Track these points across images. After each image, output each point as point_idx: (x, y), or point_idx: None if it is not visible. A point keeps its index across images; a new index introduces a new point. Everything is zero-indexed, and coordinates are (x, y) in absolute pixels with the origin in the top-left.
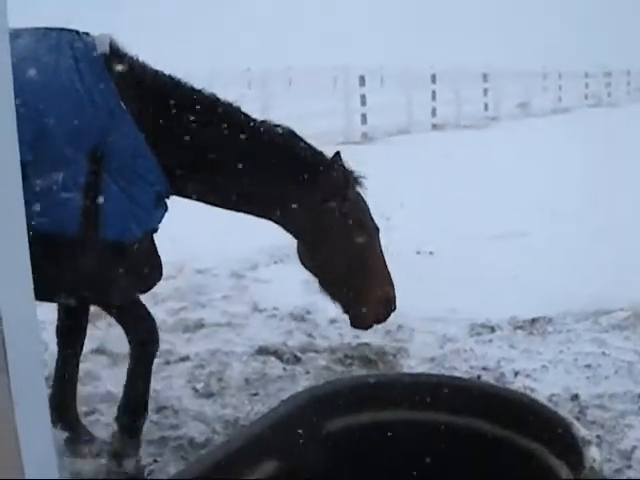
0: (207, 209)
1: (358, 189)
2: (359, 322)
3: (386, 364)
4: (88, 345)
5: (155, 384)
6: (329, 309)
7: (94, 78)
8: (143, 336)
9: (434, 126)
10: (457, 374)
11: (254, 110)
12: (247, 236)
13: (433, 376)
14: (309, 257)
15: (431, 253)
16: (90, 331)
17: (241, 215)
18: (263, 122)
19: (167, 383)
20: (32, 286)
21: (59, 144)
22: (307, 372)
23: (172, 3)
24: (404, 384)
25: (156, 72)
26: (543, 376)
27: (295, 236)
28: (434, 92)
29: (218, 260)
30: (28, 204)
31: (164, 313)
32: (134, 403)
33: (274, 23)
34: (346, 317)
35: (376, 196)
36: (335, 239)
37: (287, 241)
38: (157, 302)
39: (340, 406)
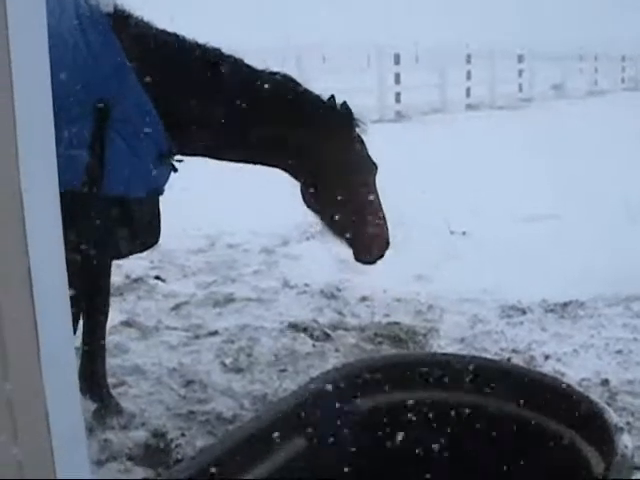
0: (239, 184)
1: (357, 129)
2: (365, 255)
3: (416, 344)
4: (117, 317)
5: (184, 358)
6: (360, 287)
7: (98, 37)
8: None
9: (468, 106)
10: (487, 356)
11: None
12: (279, 212)
13: (463, 357)
14: (314, 197)
15: (464, 233)
16: (119, 304)
17: (273, 191)
18: (263, 71)
19: (196, 357)
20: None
21: (63, 101)
22: (336, 350)
23: None
24: (435, 364)
25: (161, 31)
26: (573, 360)
27: (300, 178)
28: (469, 72)
29: (249, 235)
30: None
31: (194, 286)
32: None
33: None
34: (377, 294)
35: (410, 174)
36: (338, 177)
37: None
38: (187, 275)
39: (370, 385)
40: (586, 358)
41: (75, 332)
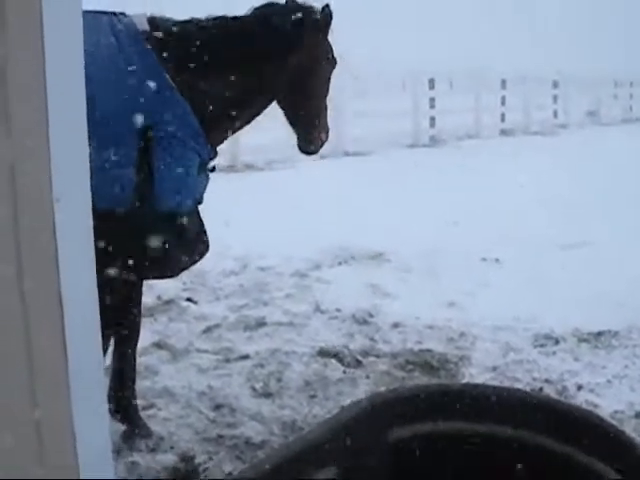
0: (272, 208)
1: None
2: (313, 148)
3: (448, 371)
4: (148, 339)
5: (214, 381)
6: (392, 313)
7: (137, 56)
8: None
9: (502, 131)
10: (519, 385)
11: None
12: (312, 236)
13: (495, 388)
14: (296, 98)
15: (497, 260)
16: (150, 325)
17: (307, 215)
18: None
19: (226, 381)
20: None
21: (109, 122)
22: (367, 376)
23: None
24: (467, 395)
25: (188, 34)
26: (607, 391)
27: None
28: (503, 97)
29: (282, 258)
30: None
31: (226, 309)
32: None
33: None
34: (409, 321)
35: (444, 199)
36: (316, 77)
37: (352, 242)
38: (218, 297)
39: (402, 415)
40: (620, 389)
41: (105, 352)
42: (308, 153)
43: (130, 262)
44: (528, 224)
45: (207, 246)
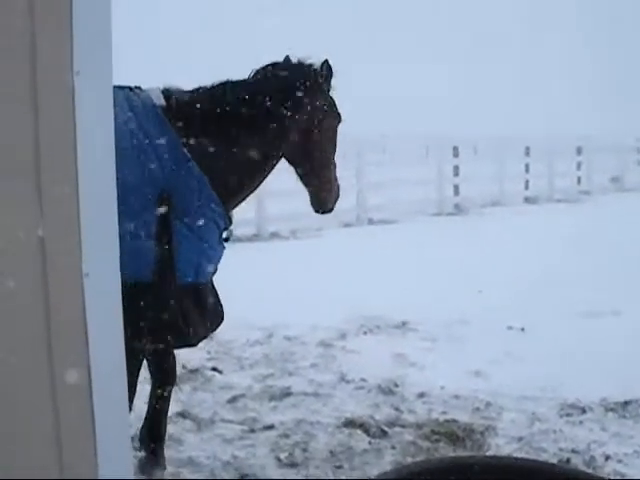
0: (297, 277)
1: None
2: (325, 205)
3: (474, 442)
4: (173, 408)
5: (238, 452)
6: (417, 383)
7: (155, 130)
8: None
9: (526, 199)
10: (546, 455)
11: (348, 176)
12: (337, 305)
13: (523, 460)
14: (298, 153)
15: (522, 329)
16: (175, 394)
17: (331, 284)
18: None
19: (250, 451)
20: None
21: (128, 196)
22: (393, 447)
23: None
24: (492, 467)
25: (193, 101)
26: (635, 461)
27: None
28: (527, 165)
29: (307, 328)
30: None
31: (251, 379)
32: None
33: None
34: (435, 391)
35: (468, 267)
36: (319, 133)
37: (377, 311)
38: (243, 367)
39: None
40: None
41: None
42: (321, 212)
43: (153, 332)
44: (553, 293)
45: (222, 316)
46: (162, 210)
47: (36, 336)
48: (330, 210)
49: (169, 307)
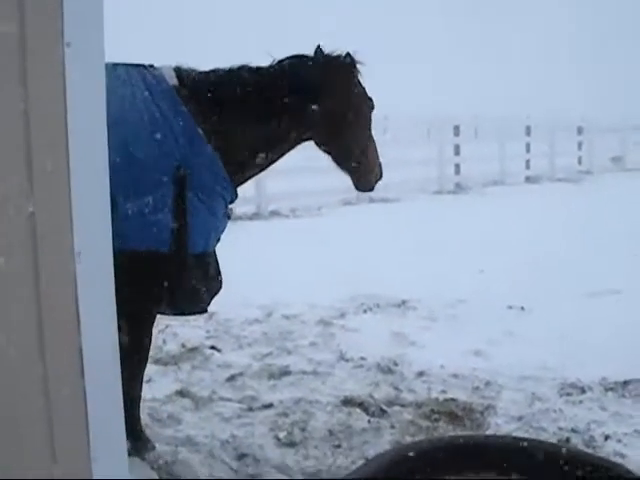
0: (297, 256)
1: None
2: (368, 184)
3: (473, 421)
4: (172, 387)
5: (237, 431)
6: (417, 361)
7: (169, 107)
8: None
9: (527, 178)
10: (545, 435)
11: None
12: (336, 283)
13: (522, 439)
14: (333, 142)
15: (522, 308)
16: (174, 373)
17: (331, 262)
18: (271, 66)
19: (249, 430)
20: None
21: (146, 171)
22: (392, 426)
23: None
24: (492, 447)
25: (214, 84)
26: (634, 441)
27: (319, 133)
28: (528, 144)
29: (306, 306)
30: (121, 227)
31: (250, 358)
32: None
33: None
34: (434, 370)
35: (469, 247)
36: (352, 120)
37: (377, 290)
38: (242, 346)
39: (426, 468)
40: None
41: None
42: (363, 191)
43: (165, 298)
44: (554, 272)
45: (221, 284)
46: (178, 185)
47: (27, 315)
48: (371, 189)
49: (184, 275)
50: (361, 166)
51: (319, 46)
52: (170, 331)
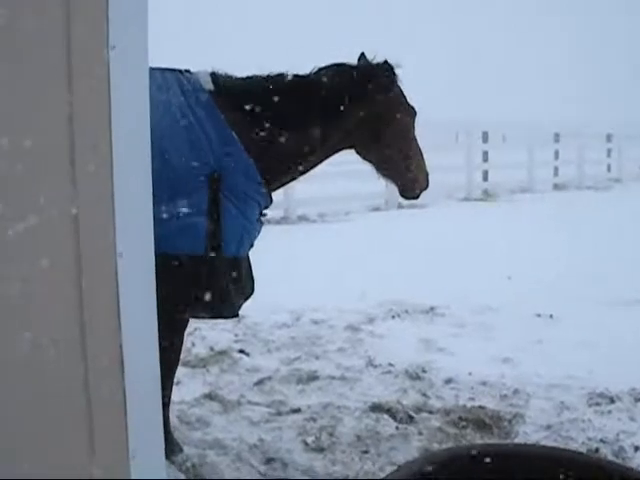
0: (325, 261)
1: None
2: (412, 193)
3: (501, 429)
4: (200, 390)
5: (265, 435)
6: (445, 368)
7: (204, 112)
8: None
9: (555, 186)
10: (574, 445)
11: None
12: (365, 289)
13: (550, 449)
14: (373, 151)
15: (551, 316)
16: (203, 376)
17: (360, 268)
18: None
19: (277, 435)
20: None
21: (180, 175)
22: (420, 432)
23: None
24: (520, 456)
25: (246, 87)
26: None
27: (360, 142)
28: (557, 151)
29: (335, 312)
30: (155, 230)
31: (278, 362)
32: None
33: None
34: (462, 377)
35: (497, 253)
36: (392, 128)
37: (406, 296)
38: (270, 350)
39: (454, 475)
40: None
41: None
42: (409, 199)
43: (198, 302)
44: (583, 280)
45: (253, 289)
46: (213, 189)
47: (69, 315)
48: (416, 198)
49: (217, 278)
50: (405, 175)
51: (363, 53)
52: (199, 334)
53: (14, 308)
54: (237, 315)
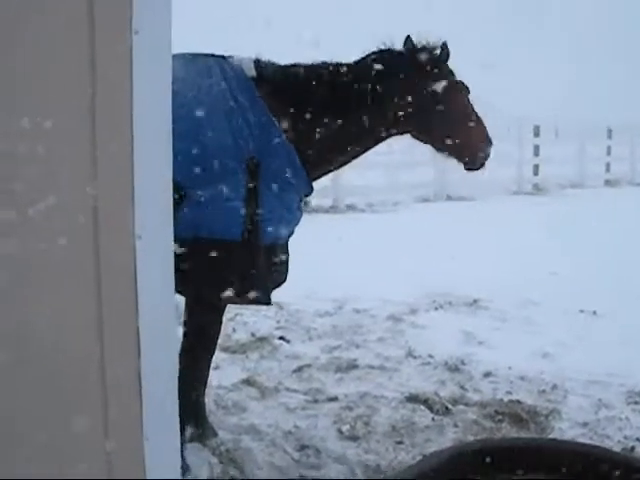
0: (372, 250)
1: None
2: (473, 165)
3: (537, 425)
4: (239, 375)
5: (300, 422)
6: (485, 361)
7: (246, 98)
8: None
9: (607, 182)
10: (610, 443)
11: (424, 152)
12: (409, 279)
13: (584, 445)
14: (428, 130)
15: (594, 313)
16: (242, 361)
17: (405, 258)
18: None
19: (312, 422)
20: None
21: (220, 159)
22: (455, 425)
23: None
24: (553, 451)
25: (290, 75)
26: None
27: (416, 127)
28: (609, 147)
29: (378, 301)
30: (193, 215)
31: (318, 350)
32: None
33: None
34: (501, 371)
35: (545, 248)
36: (448, 109)
37: (450, 288)
38: (312, 337)
39: (483, 467)
40: None
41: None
42: (471, 170)
43: (233, 288)
44: (629, 277)
45: (285, 278)
46: (251, 174)
47: (86, 297)
48: (479, 168)
49: (254, 265)
50: (465, 148)
51: (409, 36)
52: (240, 320)
53: (31, 288)
54: (270, 302)
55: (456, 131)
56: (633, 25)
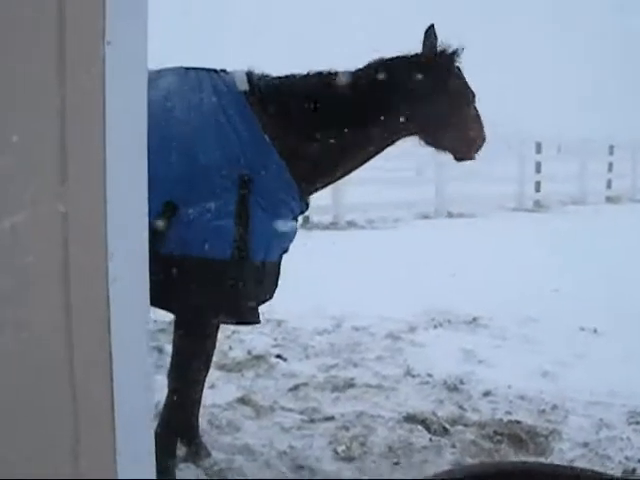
0: (371, 268)
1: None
2: (471, 157)
3: (537, 446)
4: (234, 393)
5: (295, 442)
6: (484, 380)
7: (237, 114)
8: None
9: (608, 198)
10: (611, 464)
11: (426, 167)
12: (409, 297)
13: (584, 471)
14: (432, 131)
15: (595, 331)
16: (237, 380)
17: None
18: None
19: (308, 442)
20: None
21: (209, 176)
22: (453, 445)
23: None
24: (553, 476)
25: (283, 87)
26: None
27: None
28: (611, 164)
29: (377, 319)
30: (182, 232)
31: (315, 368)
32: None
33: None
34: (501, 390)
35: (545, 265)
36: (450, 105)
37: (449, 305)
38: (309, 356)
39: None
40: None
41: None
42: (461, 160)
43: (222, 307)
44: (631, 295)
45: (272, 295)
46: (242, 192)
47: (55, 317)
48: (471, 159)
49: (244, 284)
50: (465, 146)
51: (432, 25)
52: (237, 337)
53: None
54: (259, 321)
55: (462, 134)
56: (634, 41)
